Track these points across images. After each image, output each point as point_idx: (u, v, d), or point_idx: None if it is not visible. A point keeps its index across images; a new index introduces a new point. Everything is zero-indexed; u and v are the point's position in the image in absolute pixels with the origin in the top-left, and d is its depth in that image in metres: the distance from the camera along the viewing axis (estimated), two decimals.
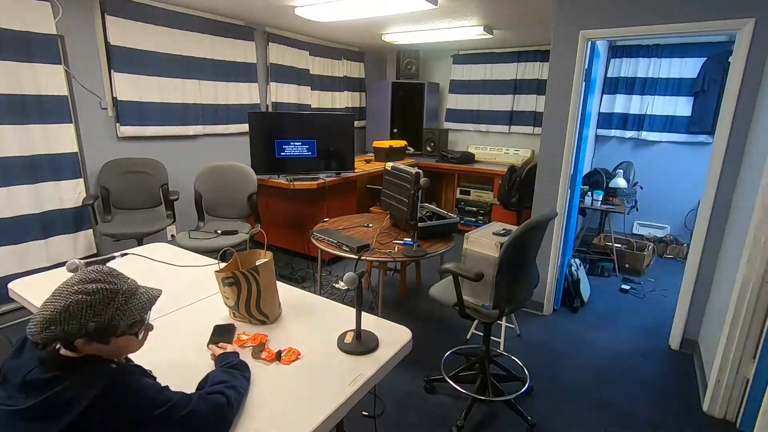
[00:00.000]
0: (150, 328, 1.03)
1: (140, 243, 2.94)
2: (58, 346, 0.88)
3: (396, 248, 2.47)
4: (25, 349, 0.93)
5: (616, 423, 2.16)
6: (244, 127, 4.07)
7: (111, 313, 0.91)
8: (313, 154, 3.99)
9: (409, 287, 3.66)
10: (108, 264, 1.06)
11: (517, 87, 5.12)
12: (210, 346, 1.31)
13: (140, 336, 1.00)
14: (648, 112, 4.60)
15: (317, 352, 1.34)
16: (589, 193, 4.10)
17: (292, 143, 3.90)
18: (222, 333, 1.40)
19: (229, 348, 1.29)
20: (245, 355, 1.31)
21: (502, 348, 2.73)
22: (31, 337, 0.88)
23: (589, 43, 2.79)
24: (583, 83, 2.85)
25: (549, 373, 2.55)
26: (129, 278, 0.99)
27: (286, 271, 3.86)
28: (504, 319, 2.75)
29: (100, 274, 0.94)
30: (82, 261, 1.46)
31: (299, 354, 1.31)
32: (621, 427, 2.13)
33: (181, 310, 1.59)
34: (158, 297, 1.02)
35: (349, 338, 1.39)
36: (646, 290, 3.76)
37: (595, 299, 3.54)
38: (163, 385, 0.97)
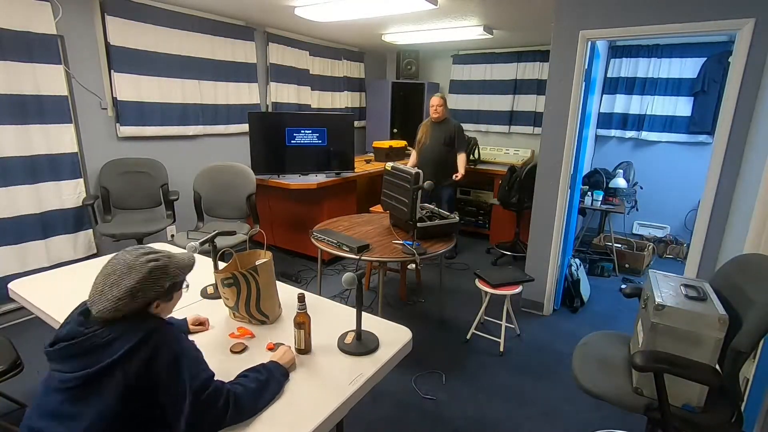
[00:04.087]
0: (188, 286, 1.20)
1: (140, 243, 2.94)
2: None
3: (396, 248, 2.47)
4: (72, 320, 1.04)
5: (616, 422, 2.16)
6: (244, 127, 4.07)
7: (176, 271, 1.10)
8: (324, 142, 4.01)
9: (409, 287, 3.66)
10: None
11: (517, 87, 5.12)
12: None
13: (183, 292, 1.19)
14: (648, 112, 4.60)
15: (317, 352, 1.34)
16: (589, 193, 4.10)
17: (302, 131, 3.93)
18: None
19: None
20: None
21: (502, 348, 2.73)
22: (108, 313, 1.00)
23: (589, 43, 2.79)
24: (583, 83, 2.85)
25: (549, 373, 2.56)
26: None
27: (286, 271, 3.86)
28: (504, 318, 2.76)
29: (145, 248, 1.10)
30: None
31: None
32: (621, 426, 2.14)
33: (182, 310, 1.59)
34: (194, 258, 1.19)
35: (349, 338, 1.39)
36: None
37: (595, 299, 3.54)
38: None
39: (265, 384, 1.13)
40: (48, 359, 1.01)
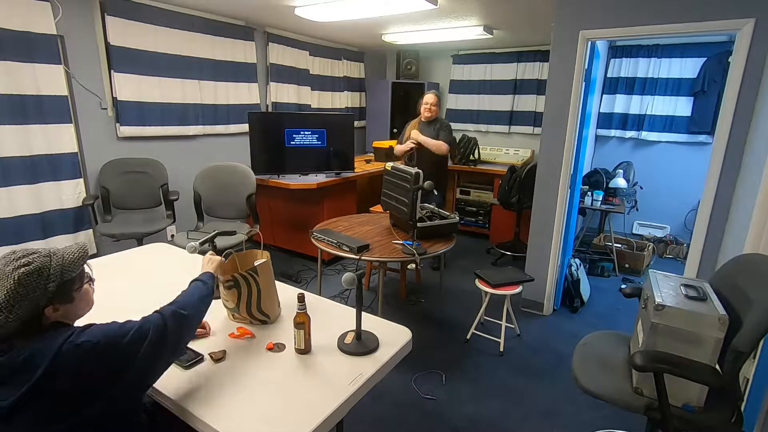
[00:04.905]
0: (92, 280, 1.11)
1: (140, 243, 2.94)
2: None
3: (396, 248, 2.47)
4: None
5: (616, 422, 2.16)
6: (244, 127, 4.07)
7: (59, 270, 0.96)
8: (324, 142, 4.01)
9: (409, 287, 3.66)
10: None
11: (517, 87, 5.12)
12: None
13: (91, 286, 1.09)
14: (648, 112, 4.60)
15: (317, 352, 1.34)
16: (589, 193, 4.10)
17: (302, 131, 3.94)
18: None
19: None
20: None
21: (502, 348, 2.73)
22: None
23: (589, 43, 2.79)
24: (583, 83, 2.85)
25: (549, 373, 2.55)
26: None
27: (286, 271, 3.86)
28: (504, 318, 2.76)
29: (19, 253, 0.97)
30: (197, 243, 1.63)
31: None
32: (621, 426, 2.14)
33: None
34: (86, 247, 1.07)
35: (349, 338, 1.39)
36: None
37: (595, 299, 3.54)
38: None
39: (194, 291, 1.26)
40: None
